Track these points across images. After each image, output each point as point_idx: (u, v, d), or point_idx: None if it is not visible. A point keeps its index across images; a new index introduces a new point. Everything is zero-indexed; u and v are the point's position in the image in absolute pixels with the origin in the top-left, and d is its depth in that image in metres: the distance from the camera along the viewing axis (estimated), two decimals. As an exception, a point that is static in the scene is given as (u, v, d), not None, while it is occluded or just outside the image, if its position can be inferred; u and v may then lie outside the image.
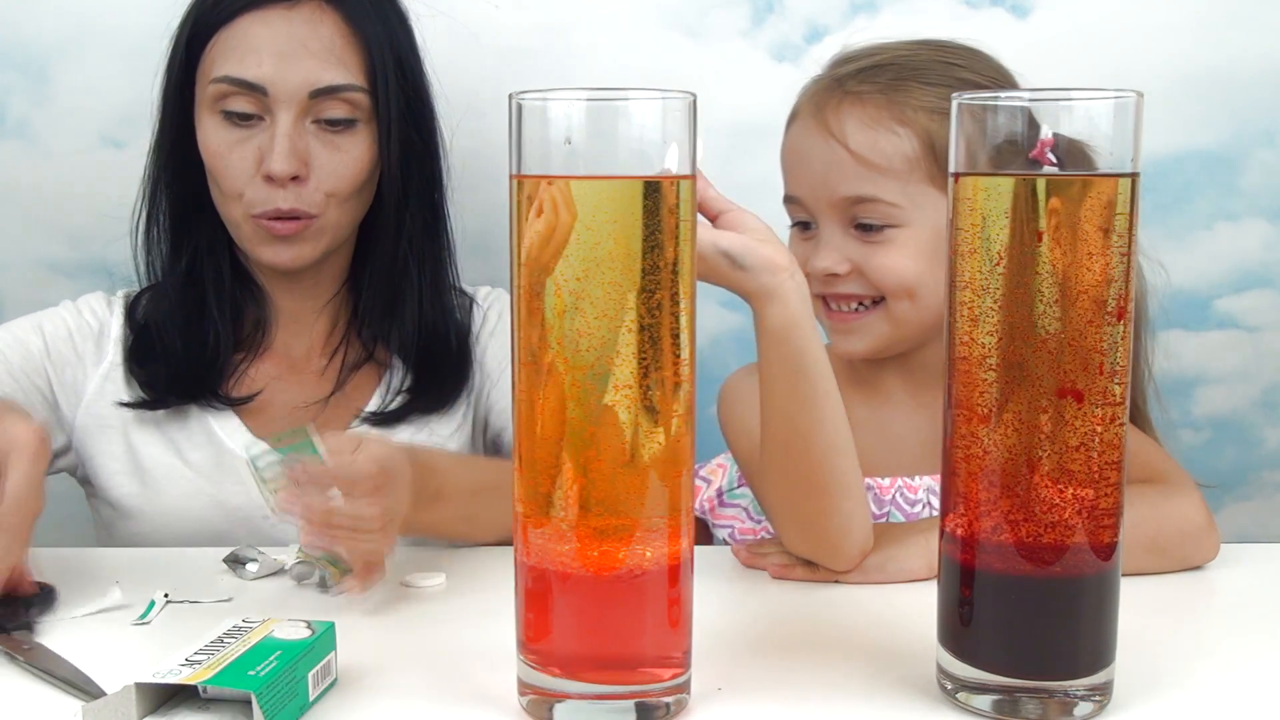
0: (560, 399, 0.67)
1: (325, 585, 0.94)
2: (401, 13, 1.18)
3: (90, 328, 1.19)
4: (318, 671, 0.74)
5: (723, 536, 1.18)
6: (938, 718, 0.72)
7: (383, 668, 0.79)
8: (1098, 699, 0.72)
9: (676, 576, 0.70)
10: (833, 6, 1.38)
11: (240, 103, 1.11)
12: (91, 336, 1.19)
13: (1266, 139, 1.39)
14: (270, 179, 1.11)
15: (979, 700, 0.72)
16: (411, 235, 1.19)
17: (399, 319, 1.20)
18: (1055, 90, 0.68)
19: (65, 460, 1.18)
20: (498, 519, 1.02)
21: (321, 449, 0.87)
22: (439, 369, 1.21)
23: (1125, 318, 0.68)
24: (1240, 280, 1.43)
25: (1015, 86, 1.05)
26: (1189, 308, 1.41)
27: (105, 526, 1.19)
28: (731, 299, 0.87)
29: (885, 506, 1.11)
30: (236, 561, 0.99)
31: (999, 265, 0.68)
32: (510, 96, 0.67)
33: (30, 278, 1.43)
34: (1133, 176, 0.68)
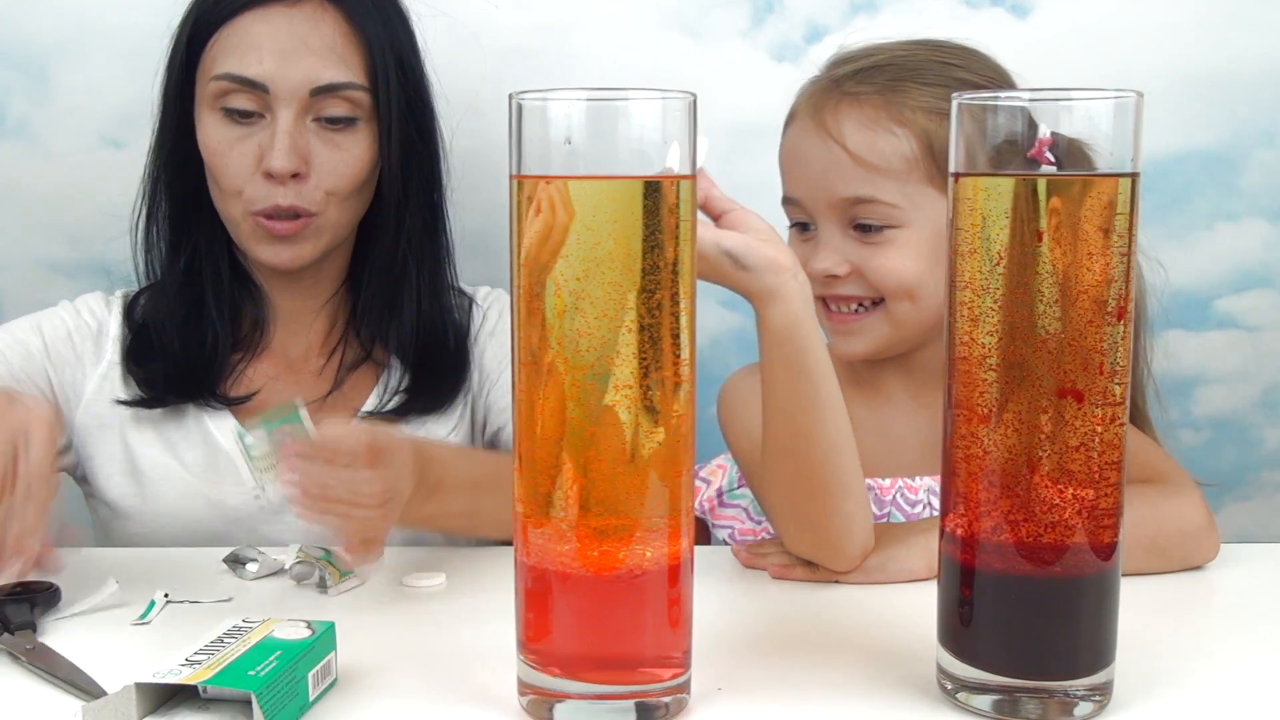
0: (560, 399, 0.67)
1: (325, 585, 0.94)
2: (402, 12, 1.18)
3: (89, 327, 1.19)
4: (318, 671, 0.74)
5: (723, 537, 1.18)
6: (938, 718, 0.72)
7: (383, 668, 0.79)
8: (1098, 699, 0.72)
9: (676, 576, 0.70)
10: (833, 6, 1.37)
11: (241, 100, 1.11)
12: (90, 336, 1.19)
13: (1266, 139, 1.39)
14: (270, 176, 1.11)
15: (979, 700, 0.72)
16: (410, 235, 1.19)
17: (397, 319, 1.20)
18: (1055, 90, 0.68)
19: (66, 459, 1.18)
20: (498, 514, 1.01)
21: (309, 424, 0.87)
22: (437, 369, 1.21)
23: (1125, 318, 0.68)
24: (1240, 280, 1.43)
25: (1013, 86, 1.05)
26: (1189, 308, 1.41)
27: (102, 526, 1.20)
28: (732, 299, 0.87)
29: (886, 507, 1.11)
30: (236, 561, 0.99)
31: (999, 265, 0.68)
32: (510, 96, 0.67)
33: (30, 278, 1.43)
34: (1133, 176, 0.68)
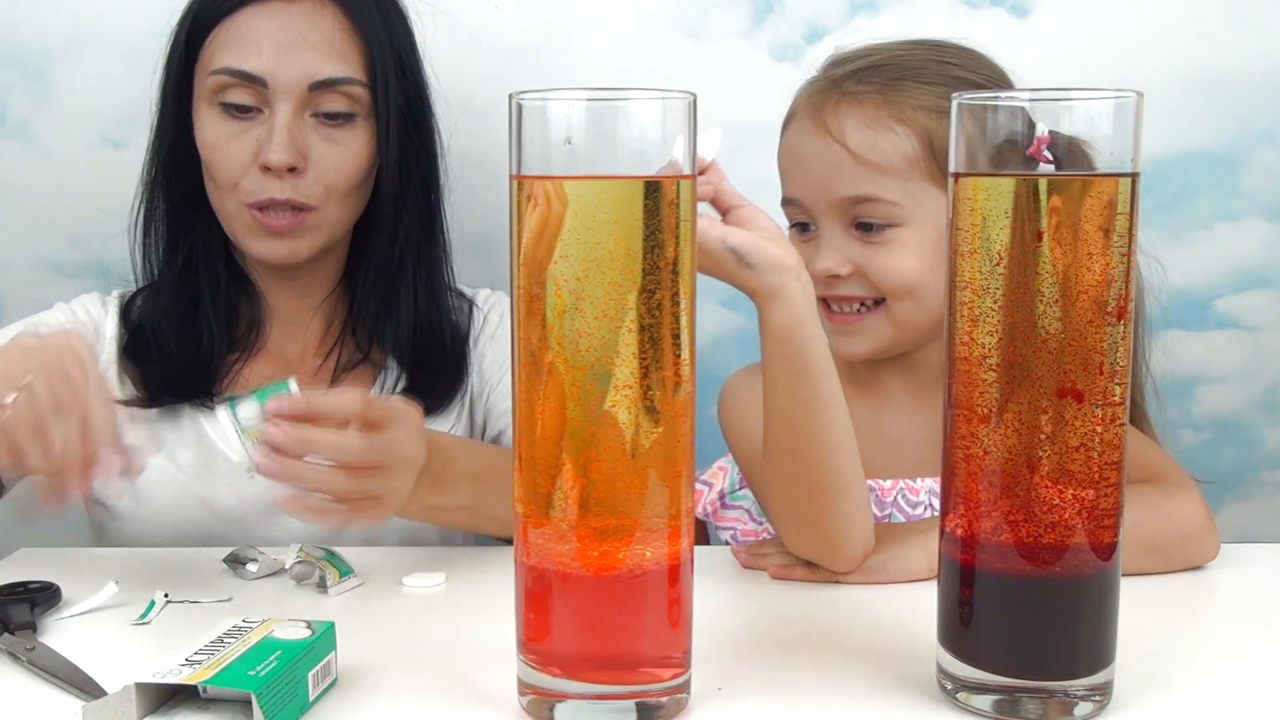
0: (560, 399, 0.67)
1: (325, 585, 0.94)
2: (401, 10, 1.18)
3: (84, 328, 1.19)
4: (318, 671, 0.74)
5: (725, 538, 1.18)
6: (938, 718, 0.72)
7: (383, 668, 0.79)
8: (1098, 699, 0.72)
9: (676, 576, 0.70)
10: (833, 6, 1.37)
11: (239, 94, 1.11)
12: (86, 336, 1.19)
13: (1266, 139, 1.39)
14: (268, 169, 1.10)
15: (979, 700, 0.72)
16: (408, 234, 1.19)
17: (394, 319, 1.19)
18: (1055, 90, 0.68)
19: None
20: (499, 509, 1.01)
21: (299, 394, 0.86)
22: (434, 370, 1.20)
23: (1125, 318, 0.68)
24: (1240, 280, 1.43)
25: (1010, 85, 1.05)
26: (1189, 308, 1.41)
27: (97, 528, 1.19)
28: (733, 299, 0.87)
29: (887, 508, 1.10)
30: (236, 561, 0.99)
31: (999, 265, 0.68)
32: (510, 96, 0.67)
33: (30, 278, 1.43)
34: (1133, 176, 0.68)
